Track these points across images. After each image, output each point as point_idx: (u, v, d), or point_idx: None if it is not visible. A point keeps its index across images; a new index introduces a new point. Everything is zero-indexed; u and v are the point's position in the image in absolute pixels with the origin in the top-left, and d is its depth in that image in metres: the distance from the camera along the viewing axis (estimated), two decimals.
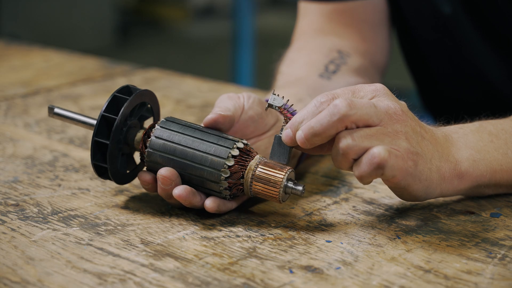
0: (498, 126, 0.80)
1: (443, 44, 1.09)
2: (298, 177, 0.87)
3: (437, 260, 0.70)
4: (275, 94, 0.76)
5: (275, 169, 0.74)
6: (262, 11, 5.18)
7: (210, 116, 0.78)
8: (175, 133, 0.77)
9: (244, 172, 0.75)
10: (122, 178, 0.80)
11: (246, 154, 0.76)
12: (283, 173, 0.74)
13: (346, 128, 0.71)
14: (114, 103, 0.77)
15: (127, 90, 0.78)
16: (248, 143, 0.77)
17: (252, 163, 0.75)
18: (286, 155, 0.75)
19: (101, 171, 0.79)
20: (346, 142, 0.71)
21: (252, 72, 3.05)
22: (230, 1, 3.69)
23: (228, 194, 0.76)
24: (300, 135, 0.72)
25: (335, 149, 0.72)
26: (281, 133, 0.75)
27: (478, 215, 0.79)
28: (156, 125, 0.78)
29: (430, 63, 1.14)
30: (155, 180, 0.77)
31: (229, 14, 4.07)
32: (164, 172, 0.75)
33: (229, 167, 0.75)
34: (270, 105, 0.76)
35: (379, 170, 0.70)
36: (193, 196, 0.76)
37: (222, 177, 0.75)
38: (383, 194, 0.83)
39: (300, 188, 0.75)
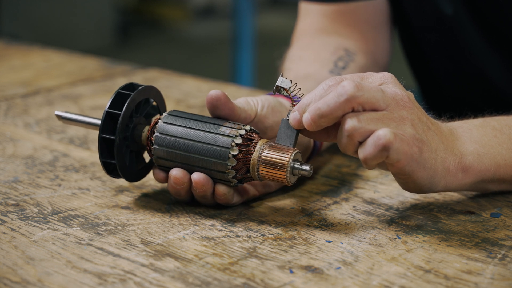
0: (502, 122, 0.80)
1: (445, 44, 1.09)
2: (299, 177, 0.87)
3: (437, 260, 0.70)
4: (282, 77, 0.75)
5: (281, 151, 0.74)
6: (262, 11, 5.18)
7: (214, 92, 0.77)
8: (175, 138, 0.77)
9: (249, 166, 0.75)
10: (131, 175, 0.80)
11: (247, 145, 0.75)
12: (289, 154, 0.74)
13: (353, 111, 0.71)
14: (118, 99, 0.78)
15: (130, 87, 0.79)
16: (250, 127, 0.77)
17: (255, 154, 0.75)
18: (293, 138, 0.75)
19: (110, 169, 0.79)
20: (352, 123, 0.70)
21: (252, 72, 3.05)
22: (230, 1, 3.69)
23: (236, 182, 0.76)
24: (306, 117, 0.72)
25: (340, 132, 0.72)
26: (288, 117, 0.75)
27: (478, 215, 0.79)
28: (159, 120, 0.78)
29: (432, 63, 1.14)
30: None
31: (229, 14, 4.07)
32: (176, 172, 0.76)
33: (233, 166, 0.75)
34: (277, 87, 0.76)
35: (384, 152, 0.70)
36: (210, 185, 0.76)
37: (229, 176, 0.75)
38: (383, 194, 0.83)
39: (307, 167, 0.74)
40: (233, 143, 0.75)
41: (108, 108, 0.77)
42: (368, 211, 0.80)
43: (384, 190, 0.84)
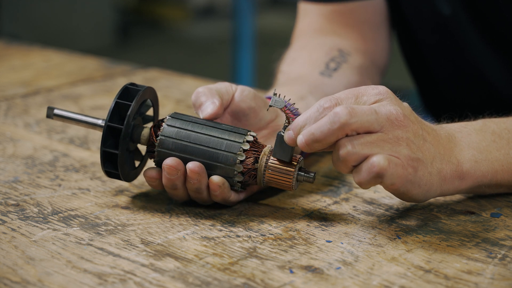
0: (501, 125, 0.80)
1: (443, 45, 1.09)
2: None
3: (437, 260, 0.70)
4: (276, 95, 0.76)
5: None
6: (262, 11, 5.18)
7: (207, 114, 0.78)
8: (187, 122, 0.78)
9: (258, 157, 0.76)
10: (132, 176, 0.81)
11: (257, 142, 0.78)
12: (295, 163, 0.76)
13: (347, 135, 0.71)
14: (117, 108, 0.77)
15: (126, 92, 0.78)
16: (255, 134, 0.78)
17: (266, 148, 0.77)
18: (289, 153, 0.76)
19: (112, 175, 0.79)
20: (346, 149, 0.71)
21: (252, 72, 3.05)
22: (230, 1, 3.69)
23: (241, 180, 0.76)
24: (301, 140, 0.72)
25: (335, 155, 0.72)
26: (283, 132, 0.75)
27: (479, 215, 0.79)
28: (167, 116, 0.78)
29: (430, 64, 1.14)
30: (161, 176, 0.78)
31: (229, 14, 4.07)
32: (169, 161, 0.76)
33: (245, 150, 0.76)
34: (271, 107, 0.76)
35: (378, 178, 0.71)
36: (204, 175, 0.76)
37: (237, 160, 0.76)
38: (383, 194, 0.83)
39: (312, 175, 0.76)
40: (240, 149, 0.76)
41: (109, 121, 0.76)
42: (368, 211, 0.80)
43: (384, 190, 0.84)
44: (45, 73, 1.35)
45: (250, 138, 0.77)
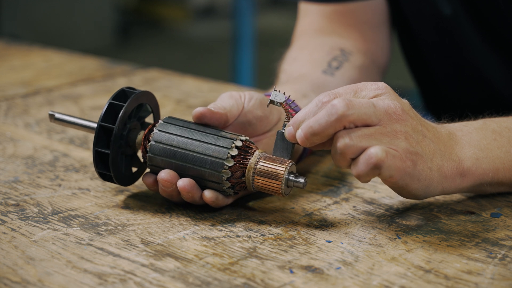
0: (502, 124, 0.80)
1: (444, 45, 1.09)
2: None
3: (437, 260, 0.70)
4: (276, 91, 0.76)
5: (276, 163, 0.75)
6: (262, 11, 5.18)
7: (199, 110, 0.78)
8: (174, 136, 0.77)
9: (245, 170, 0.75)
10: (128, 180, 0.81)
11: (245, 151, 0.76)
12: (284, 167, 0.75)
13: (345, 128, 0.71)
14: (111, 110, 0.77)
15: (123, 95, 0.78)
16: (248, 138, 0.77)
17: (253, 159, 0.76)
18: (289, 150, 0.76)
19: (106, 177, 0.79)
20: (343, 142, 0.71)
21: (252, 72, 3.05)
22: (230, 1, 3.69)
23: (231, 192, 0.76)
24: (300, 134, 0.72)
25: (333, 148, 0.72)
26: (283, 129, 0.75)
27: (479, 215, 0.79)
28: (154, 128, 0.78)
29: (431, 64, 1.14)
30: (157, 183, 0.78)
31: (229, 14, 4.07)
32: (164, 175, 0.76)
33: (230, 167, 0.75)
34: (272, 102, 0.76)
35: (375, 170, 0.70)
36: (196, 190, 0.76)
37: (223, 177, 0.75)
38: (383, 194, 0.83)
39: (301, 180, 0.75)
40: (233, 144, 0.76)
41: (102, 121, 0.77)
42: (368, 211, 0.80)
43: (384, 190, 0.84)
44: (45, 73, 1.35)
45: (234, 152, 0.76)
